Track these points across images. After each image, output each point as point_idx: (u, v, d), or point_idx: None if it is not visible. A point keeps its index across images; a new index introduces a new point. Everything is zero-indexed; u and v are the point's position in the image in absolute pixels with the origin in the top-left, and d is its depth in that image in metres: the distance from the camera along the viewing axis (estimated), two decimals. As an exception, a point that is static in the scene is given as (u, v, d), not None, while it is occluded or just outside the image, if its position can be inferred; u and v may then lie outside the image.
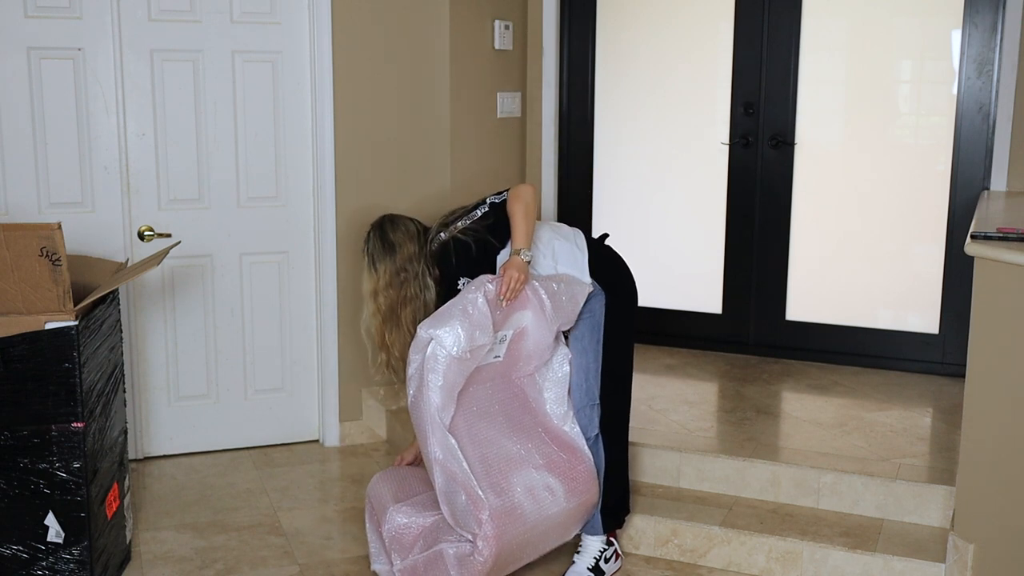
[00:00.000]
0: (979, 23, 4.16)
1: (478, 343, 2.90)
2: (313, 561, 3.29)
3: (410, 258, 3.21)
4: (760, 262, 4.65)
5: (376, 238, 3.24)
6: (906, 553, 3.07)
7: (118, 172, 3.86)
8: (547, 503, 3.03)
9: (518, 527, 2.94)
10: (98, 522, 2.98)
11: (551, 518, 3.04)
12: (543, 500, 3.02)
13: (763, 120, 4.55)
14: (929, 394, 4.17)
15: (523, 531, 2.96)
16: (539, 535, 3.04)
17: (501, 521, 2.88)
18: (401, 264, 3.20)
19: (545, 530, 3.05)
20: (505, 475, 2.99)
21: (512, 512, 2.93)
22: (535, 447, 3.10)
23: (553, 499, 3.04)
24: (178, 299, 4.03)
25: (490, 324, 2.92)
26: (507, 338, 3.07)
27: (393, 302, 3.21)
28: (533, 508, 2.99)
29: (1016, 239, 2.84)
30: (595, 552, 3.19)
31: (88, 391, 2.88)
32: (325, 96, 4.01)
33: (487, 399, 3.11)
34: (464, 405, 3.03)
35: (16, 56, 3.68)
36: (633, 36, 4.78)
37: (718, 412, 4.02)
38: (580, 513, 3.14)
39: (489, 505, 2.87)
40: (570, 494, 3.07)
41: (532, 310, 3.05)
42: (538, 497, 3.01)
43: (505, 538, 2.90)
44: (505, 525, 2.90)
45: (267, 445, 4.22)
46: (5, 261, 2.76)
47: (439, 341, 2.87)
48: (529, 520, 2.98)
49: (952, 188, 4.29)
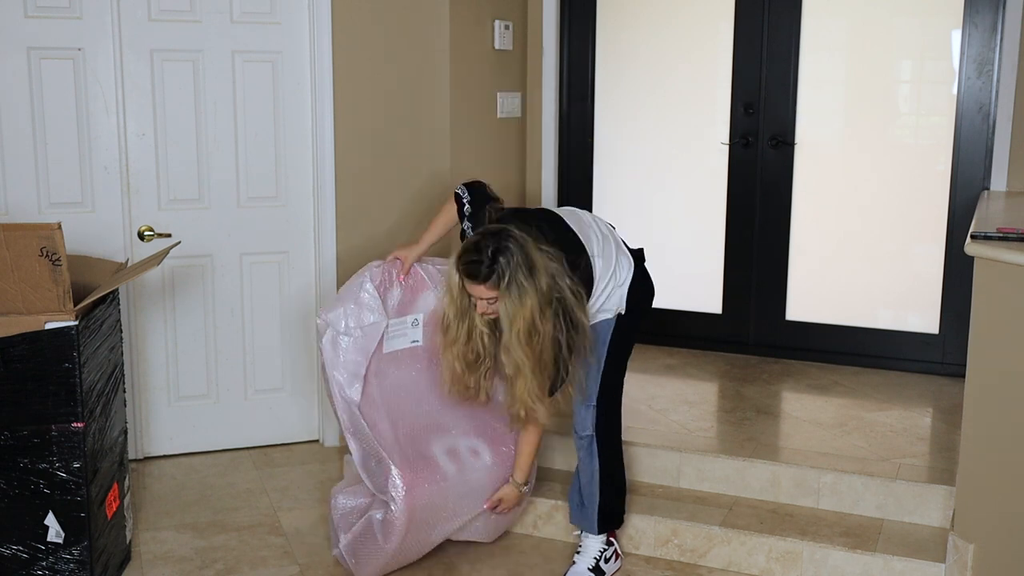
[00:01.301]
0: (979, 23, 4.16)
1: (367, 322, 3.15)
2: (313, 561, 3.29)
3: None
4: (760, 262, 4.65)
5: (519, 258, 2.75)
6: (906, 553, 3.07)
7: (118, 172, 3.86)
8: (469, 463, 3.16)
9: (435, 485, 3.05)
10: (98, 522, 2.98)
11: (474, 480, 3.15)
12: (465, 460, 3.16)
13: (763, 120, 4.55)
14: (929, 394, 4.17)
15: (441, 489, 3.07)
16: (460, 495, 3.13)
17: (412, 477, 3.00)
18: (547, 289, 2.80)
19: (467, 491, 3.14)
20: (426, 441, 3.16)
21: (426, 469, 3.06)
22: (466, 417, 3.24)
23: (477, 460, 3.17)
24: (178, 299, 4.02)
25: (378, 305, 3.17)
26: (419, 321, 3.26)
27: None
28: (453, 467, 3.12)
29: (1016, 239, 2.84)
30: (595, 552, 3.19)
31: (88, 391, 2.88)
32: (325, 96, 4.01)
33: (411, 379, 3.27)
34: (383, 384, 3.20)
35: (16, 56, 3.68)
36: (633, 36, 4.78)
37: (718, 412, 4.02)
38: (508, 474, 3.24)
39: (398, 463, 3.00)
40: (497, 456, 3.20)
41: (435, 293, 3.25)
42: (460, 457, 3.15)
43: (418, 493, 3.00)
44: (417, 480, 3.01)
45: (267, 445, 4.22)
46: (5, 261, 2.76)
47: (331, 324, 3.14)
48: (449, 479, 3.09)
49: (952, 188, 4.29)
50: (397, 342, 3.26)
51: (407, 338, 3.27)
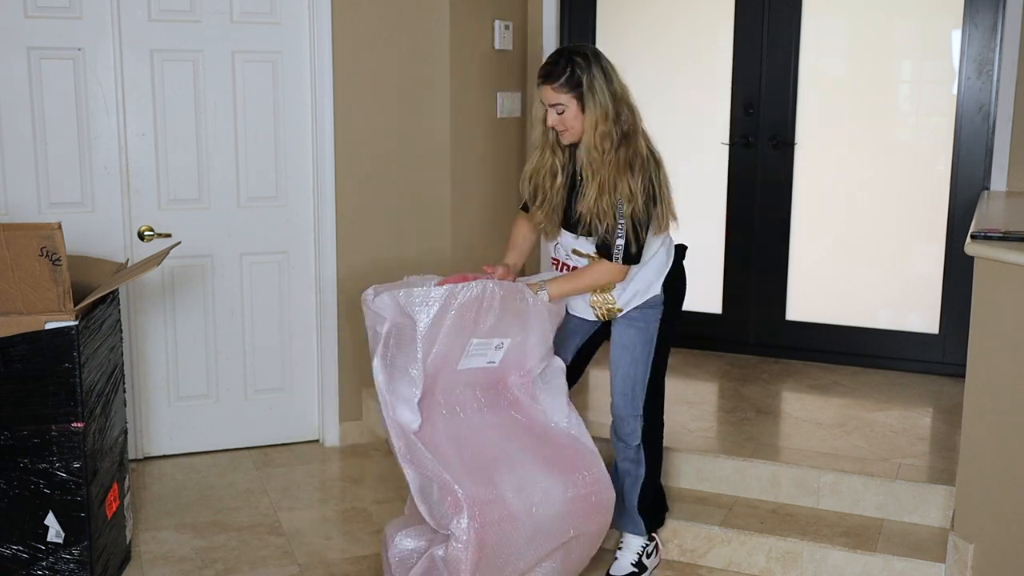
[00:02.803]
0: (979, 23, 4.16)
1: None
2: (313, 561, 3.29)
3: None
4: (760, 262, 4.65)
5: (598, 70, 2.91)
6: (906, 553, 3.07)
7: (118, 172, 3.86)
8: (539, 500, 2.88)
9: (504, 521, 2.79)
10: (98, 522, 2.98)
11: (545, 516, 2.89)
12: (534, 497, 2.87)
13: (763, 120, 4.55)
14: (929, 394, 4.17)
15: (511, 528, 2.81)
16: (530, 536, 2.87)
17: (481, 510, 2.74)
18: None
19: (537, 531, 2.88)
20: (490, 471, 2.87)
21: (495, 503, 2.78)
22: (529, 447, 2.99)
23: (546, 498, 2.89)
24: (178, 299, 4.03)
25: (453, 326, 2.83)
26: (504, 345, 2.99)
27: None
28: (522, 505, 2.83)
29: (998, 239, 2.84)
30: (637, 548, 3.20)
31: (88, 391, 2.88)
32: (325, 96, 4.01)
33: (473, 401, 3.02)
34: (445, 404, 2.95)
35: (16, 56, 3.68)
36: (633, 36, 4.78)
37: (718, 412, 4.02)
38: (584, 510, 2.98)
39: (465, 492, 2.73)
40: (568, 488, 2.94)
41: (533, 320, 2.99)
42: (529, 495, 2.86)
43: (488, 529, 2.74)
44: (487, 515, 2.75)
45: (267, 445, 4.22)
46: (5, 261, 2.76)
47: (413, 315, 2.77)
48: (518, 517, 2.82)
49: (952, 188, 4.29)
50: (475, 360, 2.97)
51: (485, 358, 2.98)
